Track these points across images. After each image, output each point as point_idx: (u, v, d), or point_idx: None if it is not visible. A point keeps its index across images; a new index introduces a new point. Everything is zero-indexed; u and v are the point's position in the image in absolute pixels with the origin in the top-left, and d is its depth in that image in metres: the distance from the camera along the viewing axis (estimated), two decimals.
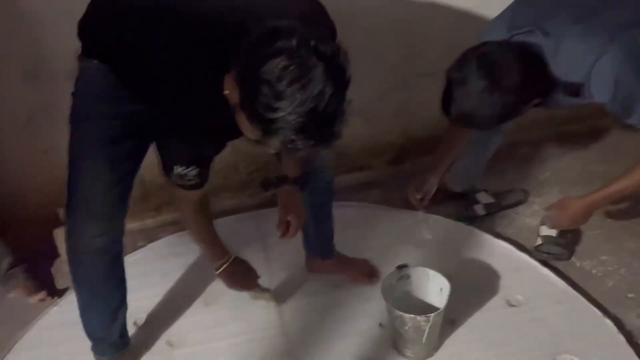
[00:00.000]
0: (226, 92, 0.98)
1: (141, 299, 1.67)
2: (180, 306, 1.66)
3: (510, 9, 1.38)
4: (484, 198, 2.00)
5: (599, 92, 1.23)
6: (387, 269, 1.56)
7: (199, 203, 1.31)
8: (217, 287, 1.71)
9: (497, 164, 2.25)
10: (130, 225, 2.06)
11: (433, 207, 2.02)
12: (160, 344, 1.56)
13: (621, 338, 1.48)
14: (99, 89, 1.18)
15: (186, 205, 1.31)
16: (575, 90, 1.28)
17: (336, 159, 2.28)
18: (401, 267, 1.51)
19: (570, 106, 1.43)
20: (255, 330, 1.58)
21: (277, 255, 1.81)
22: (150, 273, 1.77)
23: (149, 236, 2.02)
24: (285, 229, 1.42)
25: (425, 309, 1.47)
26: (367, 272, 1.71)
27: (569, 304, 1.61)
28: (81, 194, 1.23)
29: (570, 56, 1.22)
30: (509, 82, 1.21)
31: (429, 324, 1.36)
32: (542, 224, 1.76)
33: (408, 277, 1.51)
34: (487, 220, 1.98)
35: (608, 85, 1.20)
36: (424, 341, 1.41)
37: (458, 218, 1.97)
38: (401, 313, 1.37)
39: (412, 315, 1.36)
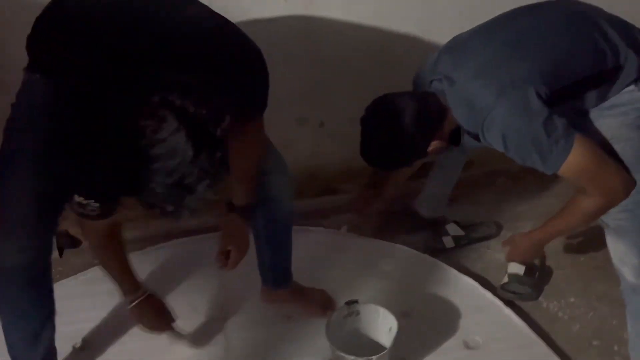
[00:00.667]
0: None
1: (85, 321, 1.61)
2: (121, 331, 1.59)
3: (438, 52, 1.40)
4: (453, 230, 1.94)
5: (494, 144, 1.26)
6: (344, 301, 1.50)
7: (107, 232, 1.25)
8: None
9: (472, 193, 2.20)
10: None
11: (401, 236, 1.98)
12: None
13: None
14: (39, 102, 1.14)
15: (93, 233, 1.25)
16: (475, 136, 1.31)
17: (309, 181, 2.27)
18: (350, 302, 1.44)
19: (481, 148, 1.43)
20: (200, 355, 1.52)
21: (232, 279, 1.74)
22: (99, 293, 1.70)
23: None
24: (224, 260, 1.36)
25: (375, 348, 1.40)
26: (321, 304, 1.64)
27: (530, 349, 1.54)
28: (1, 206, 1.17)
29: (467, 108, 1.27)
30: (401, 124, 1.27)
31: None
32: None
33: (357, 313, 1.44)
34: (455, 253, 1.92)
35: (499, 139, 1.23)
36: None
37: (425, 249, 1.90)
38: (342, 353, 1.30)
39: (353, 357, 1.29)
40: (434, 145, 1.34)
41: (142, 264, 1.77)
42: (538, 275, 1.73)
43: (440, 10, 1.94)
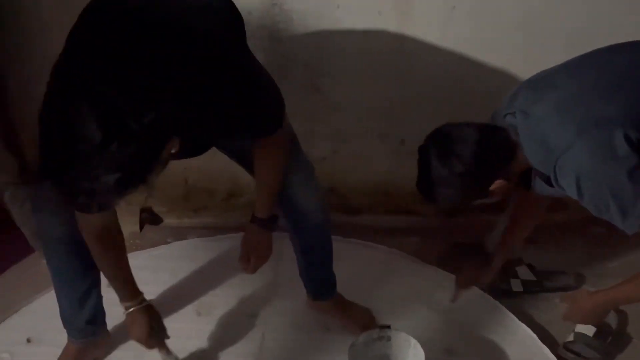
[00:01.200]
0: None
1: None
2: (172, 309, 1.68)
3: (517, 88, 1.29)
4: (524, 273, 1.79)
5: (567, 189, 1.12)
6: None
7: (104, 233, 1.24)
8: (214, 299, 1.74)
9: (559, 238, 2.03)
10: (168, 221, 2.19)
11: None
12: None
13: None
14: None
15: (89, 233, 1.23)
16: (547, 179, 1.18)
17: (383, 198, 2.23)
18: (383, 326, 1.39)
19: (553, 195, 1.29)
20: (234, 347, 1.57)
21: (283, 282, 1.76)
22: (160, 270, 1.82)
23: (180, 235, 2.09)
24: (246, 264, 1.37)
25: None
26: (363, 323, 1.59)
27: None
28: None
29: (540, 146, 1.14)
30: (461, 157, 1.17)
31: None
32: None
33: (389, 339, 1.39)
34: (522, 299, 1.76)
35: (572, 183, 1.09)
36: None
37: (489, 288, 1.77)
38: None
39: None
40: (497, 185, 1.22)
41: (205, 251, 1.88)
42: (612, 340, 1.53)
43: (541, 42, 1.81)
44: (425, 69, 1.92)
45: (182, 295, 1.74)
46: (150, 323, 1.36)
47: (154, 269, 1.80)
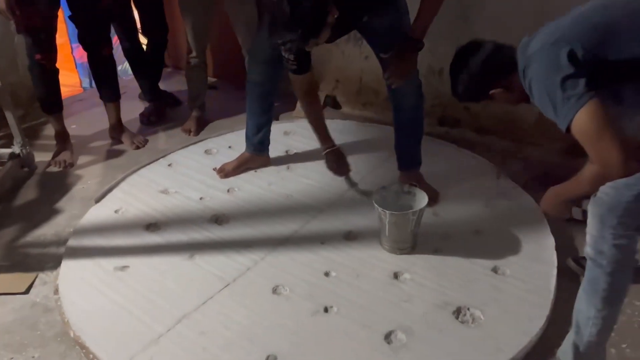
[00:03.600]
0: None
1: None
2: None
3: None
4: (586, 203, 1.96)
5: (527, 89, 1.35)
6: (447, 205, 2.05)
7: (307, 90, 1.90)
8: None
9: None
10: (345, 109, 2.94)
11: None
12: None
13: None
14: None
15: (297, 89, 1.90)
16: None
17: (510, 128, 2.50)
18: (413, 184, 1.90)
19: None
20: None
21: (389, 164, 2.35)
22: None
23: (344, 117, 2.84)
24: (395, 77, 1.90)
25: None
26: (432, 195, 2.03)
27: None
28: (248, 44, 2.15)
29: (522, 59, 1.38)
30: (468, 61, 1.49)
31: (387, 220, 1.78)
32: None
33: (414, 194, 1.89)
34: (575, 225, 1.96)
35: (527, 83, 1.33)
36: (387, 234, 1.83)
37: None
38: (377, 206, 1.82)
39: (379, 209, 1.80)
40: (497, 91, 1.49)
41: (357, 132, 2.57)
42: None
43: None
44: None
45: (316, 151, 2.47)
46: (339, 160, 2.02)
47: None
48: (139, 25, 2.83)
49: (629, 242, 1.40)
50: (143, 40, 2.87)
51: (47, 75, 2.37)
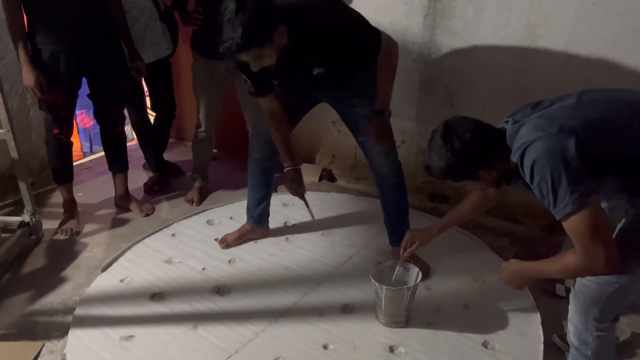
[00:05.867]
0: None
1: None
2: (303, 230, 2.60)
3: (523, 105, 1.56)
4: (569, 281, 2.09)
5: (525, 171, 1.39)
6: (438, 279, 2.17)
7: (270, 112, 2.03)
8: (335, 228, 2.57)
9: None
10: (340, 182, 3.10)
11: None
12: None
13: None
14: None
15: (266, 111, 2.05)
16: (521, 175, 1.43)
17: (496, 205, 2.66)
18: (409, 261, 2.02)
19: (529, 195, 1.47)
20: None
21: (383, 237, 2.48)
22: (320, 204, 2.74)
23: (340, 190, 2.99)
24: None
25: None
26: (424, 269, 2.13)
27: None
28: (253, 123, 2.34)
29: (516, 140, 1.43)
30: (457, 142, 1.48)
31: (383, 294, 1.89)
32: None
33: (408, 270, 2.01)
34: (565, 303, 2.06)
35: (529, 165, 1.37)
36: (382, 308, 1.93)
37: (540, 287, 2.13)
38: (374, 281, 1.93)
39: (376, 284, 1.91)
40: (485, 172, 1.50)
41: (350, 204, 2.71)
42: None
43: None
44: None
45: (314, 223, 2.60)
46: (295, 180, 2.17)
47: (316, 204, 2.72)
48: (148, 101, 3.02)
49: (610, 332, 1.50)
50: (151, 113, 3.05)
51: (63, 149, 2.51)
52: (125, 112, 2.76)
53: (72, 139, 2.53)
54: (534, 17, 2.28)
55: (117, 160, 2.72)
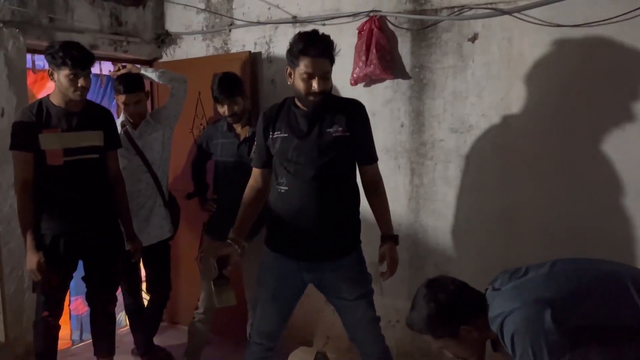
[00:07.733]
0: None
1: None
2: None
3: (500, 273, 1.62)
4: None
5: (506, 342, 1.40)
6: None
7: (256, 186, 2.12)
8: None
9: None
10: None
11: None
12: None
13: None
14: None
15: (250, 181, 2.15)
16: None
17: None
18: None
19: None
20: None
21: None
22: None
23: None
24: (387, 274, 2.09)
25: None
26: None
27: None
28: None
29: (495, 308, 1.46)
30: (441, 293, 1.53)
31: None
32: None
33: None
34: None
35: (509, 338, 1.39)
36: None
37: None
38: None
39: None
40: (467, 329, 1.50)
41: None
42: None
43: None
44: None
45: None
46: (229, 256, 2.04)
47: None
48: (143, 283, 3.06)
49: None
50: (145, 297, 3.05)
51: (50, 331, 2.46)
52: (119, 294, 2.77)
53: (62, 325, 2.47)
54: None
55: (103, 343, 2.63)
